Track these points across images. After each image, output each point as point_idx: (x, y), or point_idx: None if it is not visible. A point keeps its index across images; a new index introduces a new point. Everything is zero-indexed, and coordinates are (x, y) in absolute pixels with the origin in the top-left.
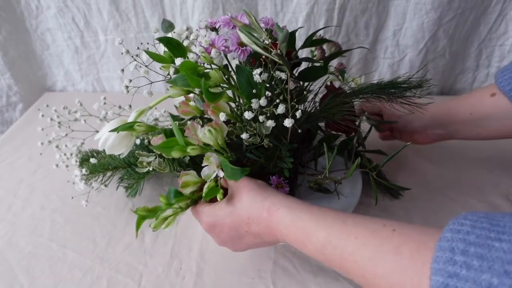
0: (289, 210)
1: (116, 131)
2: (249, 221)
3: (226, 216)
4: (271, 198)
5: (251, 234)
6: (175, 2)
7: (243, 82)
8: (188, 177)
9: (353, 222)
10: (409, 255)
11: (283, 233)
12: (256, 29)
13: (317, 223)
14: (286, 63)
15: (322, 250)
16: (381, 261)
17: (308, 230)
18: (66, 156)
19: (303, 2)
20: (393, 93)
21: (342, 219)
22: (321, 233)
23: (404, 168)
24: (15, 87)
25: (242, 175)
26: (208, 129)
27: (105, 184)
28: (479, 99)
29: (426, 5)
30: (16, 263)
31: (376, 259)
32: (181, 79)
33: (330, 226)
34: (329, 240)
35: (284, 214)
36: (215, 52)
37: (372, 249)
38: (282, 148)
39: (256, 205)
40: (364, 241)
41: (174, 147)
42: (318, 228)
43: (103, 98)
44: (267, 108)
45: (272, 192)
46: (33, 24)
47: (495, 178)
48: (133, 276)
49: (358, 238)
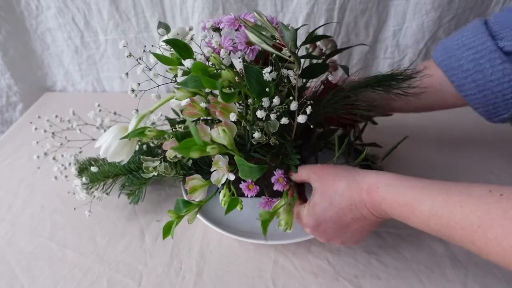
0: (388, 188)
1: (126, 138)
2: (352, 207)
3: (326, 210)
4: (367, 179)
5: (357, 220)
6: (175, 2)
7: (253, 81)
8: (194, 181)
9: (456, 191)
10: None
11: (387, 211)
12: (268, 28)
13: (419, 197)
14: (298, 61)
15: (427, 223)
16: (491, 227)
17: (411, 205)
18: (64, 167)
19: (303, 2)
20: (391, 85)
21: (444, 189)
22: (425, 206)
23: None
24: (15, 87)
25: (261, 173)
26: (223, 129)
27: (106, 192)
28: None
29: (426, 5)
30: (16, 263)
31: (486, 225)
32: (192, 80)
33: (433, 198)
34: (433, 212)
35: (385, 193)
36: (224, 52)
37: (480, 216)
38: (287, 145)
39: (354, 189)
40: (471, 208)
41: (193, 147)
42: (422, 202)
43: (97, 105)
44: (279, 106)
45: (364, 173)
46: (33, 24)
47: (495, 178)
48: (133, 276)
49: (463, 206)
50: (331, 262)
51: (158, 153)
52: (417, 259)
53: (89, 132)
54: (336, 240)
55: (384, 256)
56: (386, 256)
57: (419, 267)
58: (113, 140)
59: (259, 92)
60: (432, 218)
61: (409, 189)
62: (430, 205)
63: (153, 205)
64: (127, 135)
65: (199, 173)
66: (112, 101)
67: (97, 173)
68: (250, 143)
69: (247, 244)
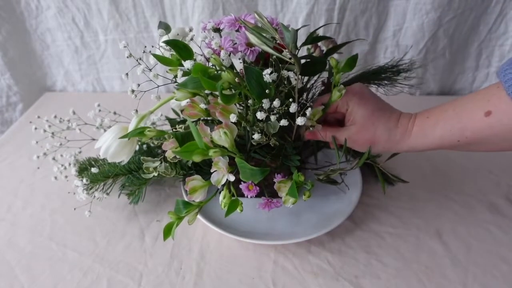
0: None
1: (124, 138)
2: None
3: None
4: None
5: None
6: (175, 2)
7: (253, 82)
8: (194, 182)
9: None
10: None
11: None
12: (269, 29)
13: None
14: (298, 63)
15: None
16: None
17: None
18: (63, 167)
19: (303, 2)
20: (386, 77)
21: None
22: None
23: (404, 168)
24: (15, 87)
25: (262, 175)
26: (224, 131)
27: (107, 193)
28: (470, 121)
29: (426, 5)
30: (16, 263)
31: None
32: (192, 81)
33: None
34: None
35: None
36: (224, 53)
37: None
38: (287, 146)
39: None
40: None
41: (195, 151)
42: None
43: (97, 105)
44: (279, 108)
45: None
46: (33, 24)
47: (495, 178)
48: (133, 276)
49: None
50: (331, 262)
51: (158, 153)
52: (417, 259)
53: (89, 132)
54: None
55: (384, 256)
56: (386, 256)
57: (419, 267)
58: (113, 141)
59: (259, 93)
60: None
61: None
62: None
63: (153, 205)
64: (126, 135)
65: (199, 174)
66: (112, 101)
67: (97, 173)
68: (250, 144)
69: (247, 244)
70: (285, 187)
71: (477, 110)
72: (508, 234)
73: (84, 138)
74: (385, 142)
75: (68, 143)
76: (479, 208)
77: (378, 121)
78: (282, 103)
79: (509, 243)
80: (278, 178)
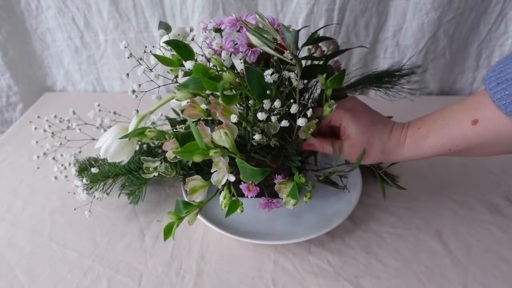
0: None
1: (124, 138)
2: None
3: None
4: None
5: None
6: (175, 2)
7: (254, 83)
8: (194, 182)
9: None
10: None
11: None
12: (270, 30)
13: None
14: (300, 64)
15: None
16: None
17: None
18: (63, 167)
19: (303, 2)
20: (389, 81)
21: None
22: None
23: (404, 168)
24: (15, 87)
25: (263, 176)
26: (225, 132)
27: (107, 193)
28: (458, 130)
29: (426, 5)
30: (16, 263)
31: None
32: (193, 82)
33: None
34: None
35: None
36: (226, 54)
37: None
38: (288, 147)
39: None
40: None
41: (195, 151)
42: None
43: (97, 105)
44: (280, 109)
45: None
46: (33, 24)
47: (495, 178)
48: (133, 276)
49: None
50: (331, 262)
51: (158, 153)
52: (417, 259)
53: (89, 132)
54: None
55: (384, 256)
56: (386, 256)
57: (419, 267)
58: (113, 141)
59: (260, 94)
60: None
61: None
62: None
63: (153, 205)
64: (127, 135)
65: (199, 174)
66: (112, 101)
67: (97, 173)
68: (251, 144)
69: (247, 244)
70: (286, 188)
71: (464, 119)
72: (508, 234)
73: (84, 138)
74: (380, 154)
75: (68, 143)
76: (479, 208)
77: (372, 136)
78: (283, 104)
79: (509, 243)
80: (279, 179)
